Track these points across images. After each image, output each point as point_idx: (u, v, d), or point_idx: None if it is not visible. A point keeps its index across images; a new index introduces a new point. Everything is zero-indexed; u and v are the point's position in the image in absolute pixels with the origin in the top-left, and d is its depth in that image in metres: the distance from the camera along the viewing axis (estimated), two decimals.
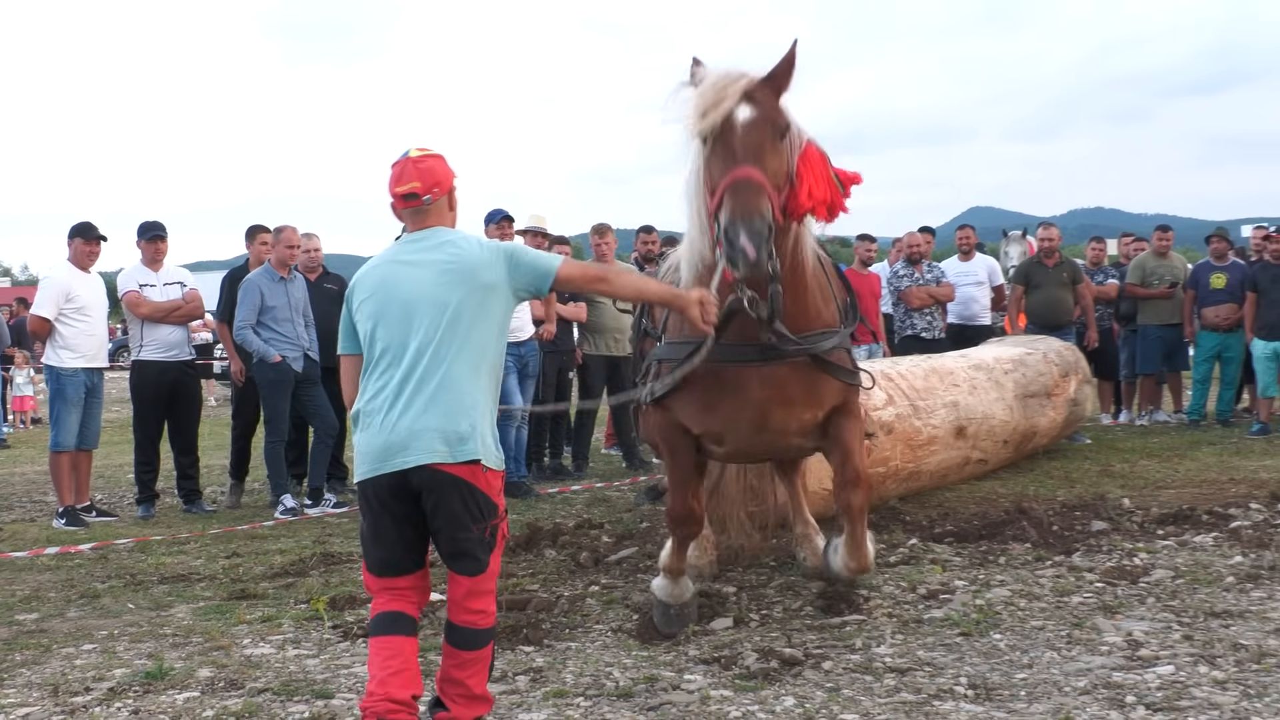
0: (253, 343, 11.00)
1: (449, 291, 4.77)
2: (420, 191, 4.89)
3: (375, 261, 5.03)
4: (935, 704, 5.17)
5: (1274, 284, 14.10)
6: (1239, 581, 6.99)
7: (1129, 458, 12.59)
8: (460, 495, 4.71)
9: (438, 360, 4.72)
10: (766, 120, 5.48)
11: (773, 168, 5.44)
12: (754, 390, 6.00)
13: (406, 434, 4.67)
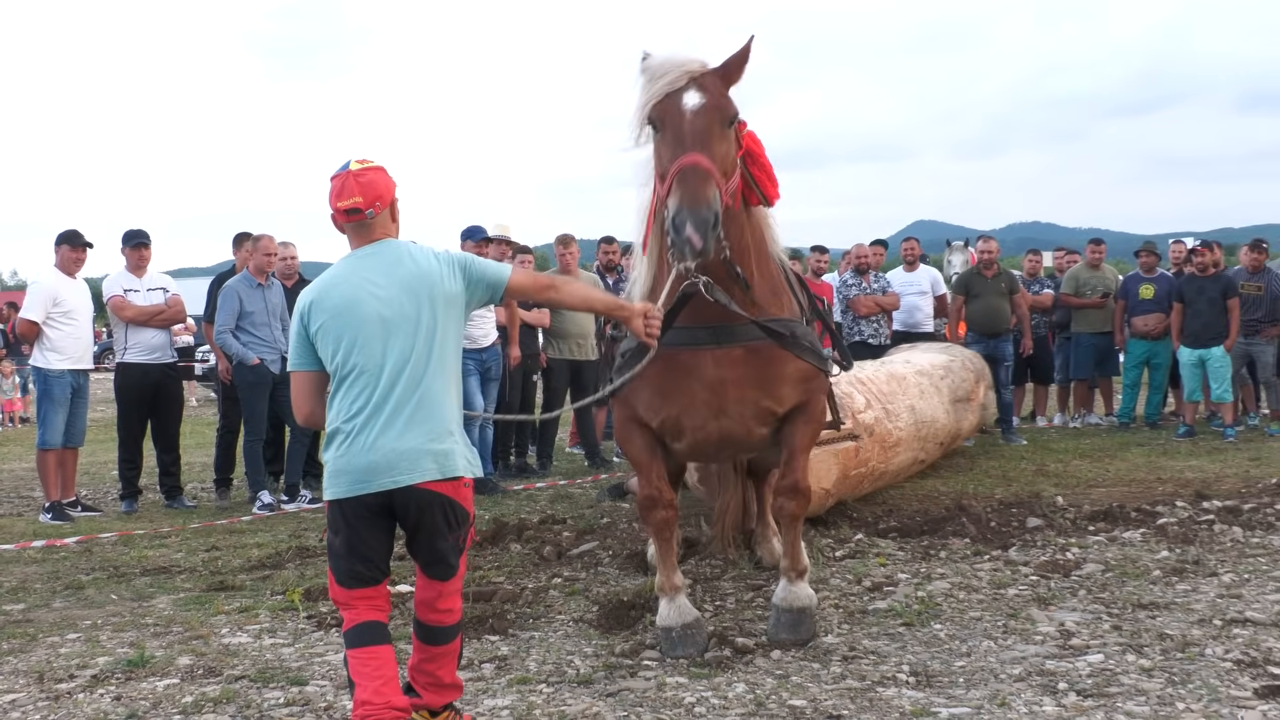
0: (231, 346, 11.00)
1: (416, 308, 4.56)
2: (363, 206, 4.60)
3: (330, 280, 4.67)
4: (879, 690, 5.18)
5: (1199, 295, 14.20)
6: (1165, 575, 7.04)
7: (1062, 458, 12.66)
8: (443, 509, 4.57)
9: (415, 377, 4.53)
10: (715, 107, 5.28)
11: (720, 154, 5.24)
12: (709, 371, 5.72)
13: (393, 454, 4.46)
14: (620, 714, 4.99)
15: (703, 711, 4.99)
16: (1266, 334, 14.29)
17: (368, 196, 4.59)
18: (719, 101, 5.32)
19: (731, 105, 5.39)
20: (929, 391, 10.97)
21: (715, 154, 5.18)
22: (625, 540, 8.63)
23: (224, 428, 12.17)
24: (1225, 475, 10.91)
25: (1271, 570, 7.05)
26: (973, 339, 14.49)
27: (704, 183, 5.02)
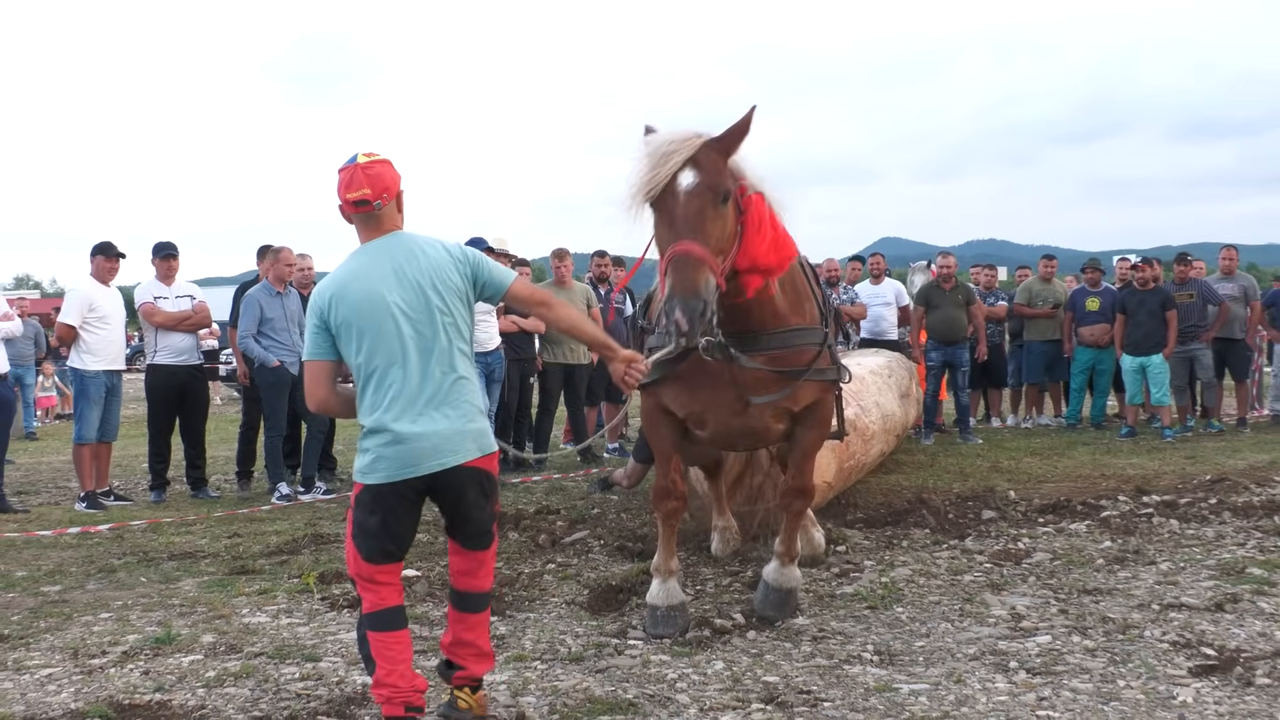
0: (253, 350, 11.01)
1: (434, 301, 4.42)
2: (370, 198, 4.43)
3: (348, 275, 4.49)
4: (845, 668, 5.19)
5: (1139, 307, 14.23)
6: (1108, 563, 7.06)
7: (1015, 456, 12.66)
8: (481, 483, 4.54)
9: (442, 365, 4.43)
10: (708, 187, 5.02)
11: (714, 234, 5.01)
12: (730, 374, 5.63)
13: (437, 438, 4.37)
14: (608, 689, 4.98)
15: (684, 687, 4.99)
16: (1202, 338, 14.32)
17: (375, 188, 4.44)
18: (712, 180, 5.06)
19: (725, 180, 5.11)
20: (884, 389, 11.00)
21: (708, 235, 4.98)
22: (614, 530, 8.63)
23: (245, 424, 12.15)
24: (1164, 472, 10.92)
25: (1205, 559, 7.06)
26: (932, 346, 14.50)
27: (695, 271, 4.84)
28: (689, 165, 5.05)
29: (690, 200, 5.00)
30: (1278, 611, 5.84)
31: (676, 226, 4.98)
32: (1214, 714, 4.42)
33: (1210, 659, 5.09)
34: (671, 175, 5.02)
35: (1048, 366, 15.81)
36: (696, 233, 4.93)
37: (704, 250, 4.90)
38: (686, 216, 4.97)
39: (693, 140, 5.11)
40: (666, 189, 5.03)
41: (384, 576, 4.48)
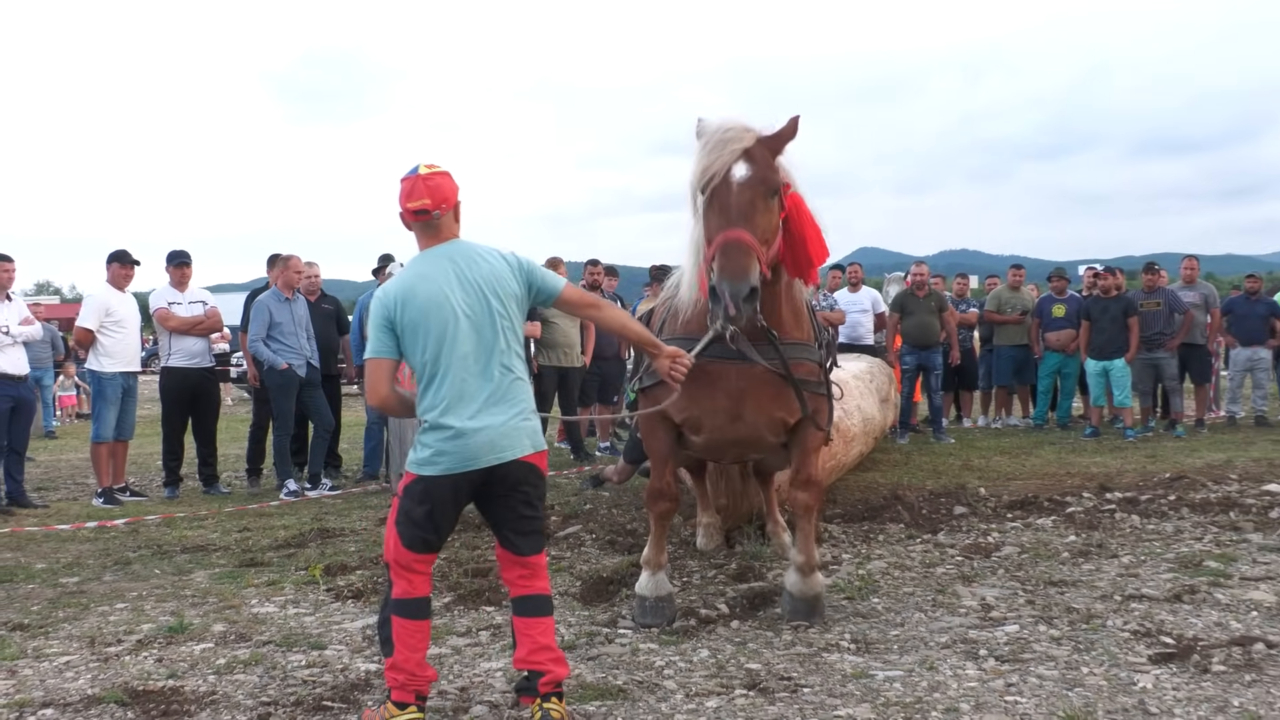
0: (263, 353, 11.03)
1: (493, 305, 4.44)
2: (430, 207, 4.45)
3: (414, 279, 4.47)
4: (824, 655, 5.20)
5: (1103, 314, 14.27)
6: (1073, 556, 7.07)
7: (985, 454, 12.69)
8: (535, 480, 4.54)
9: (503, 367, 4.45)
10: (760, 180, 5.06)
11: (762, 226, 5.04)
12: (731, 382, 5.59)
13: (496, 434, 4.37)
14: (599, 675, 4.98)
15: (671, 674, 5.00)
16: (1169, 346, 14.36)
17: (435, 198, 4.46)
18: (764, 174, 5.09)
19: (776, 176, 5.15)
20: (865, 393, 11.02)
21: (757, 226, 5.01)
22: (606, 524, 8.63)
23: (255, 424, 12.16)
24: (1126, 470, 10.94)
25: (1165, 553, 7.08)
26: (907, 350, 14.52)
27: (745, 257, 4.89)
28: (743, 158, 5.09)
29: (743, 191, 5.04)
30: (1233, 602, 5.86)
31: (729, 215, 5.01)
32: (1172, 699, 4.44)
33: (1169, 647, 5.10)
34: (728, 166, 5.07)
35: (1016, 370, 15.85)
36: (747, 222, 4.98)
37: (753, 239, 4.94)
38: (739, 206, 5.01)
39: (748, 135, 5.15)
40: (721, 178, 5.08)
41: (420, 565, 4.50)
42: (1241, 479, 9.96)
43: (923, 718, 4.33)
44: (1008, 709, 4.40)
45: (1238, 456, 11.67)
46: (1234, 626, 5.43)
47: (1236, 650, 5.00)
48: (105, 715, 4.67)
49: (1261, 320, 15.26)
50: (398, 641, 4.44)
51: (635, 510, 9.25)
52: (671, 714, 4.48)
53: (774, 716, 4.41)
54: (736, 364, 5.55)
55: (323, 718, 4.57)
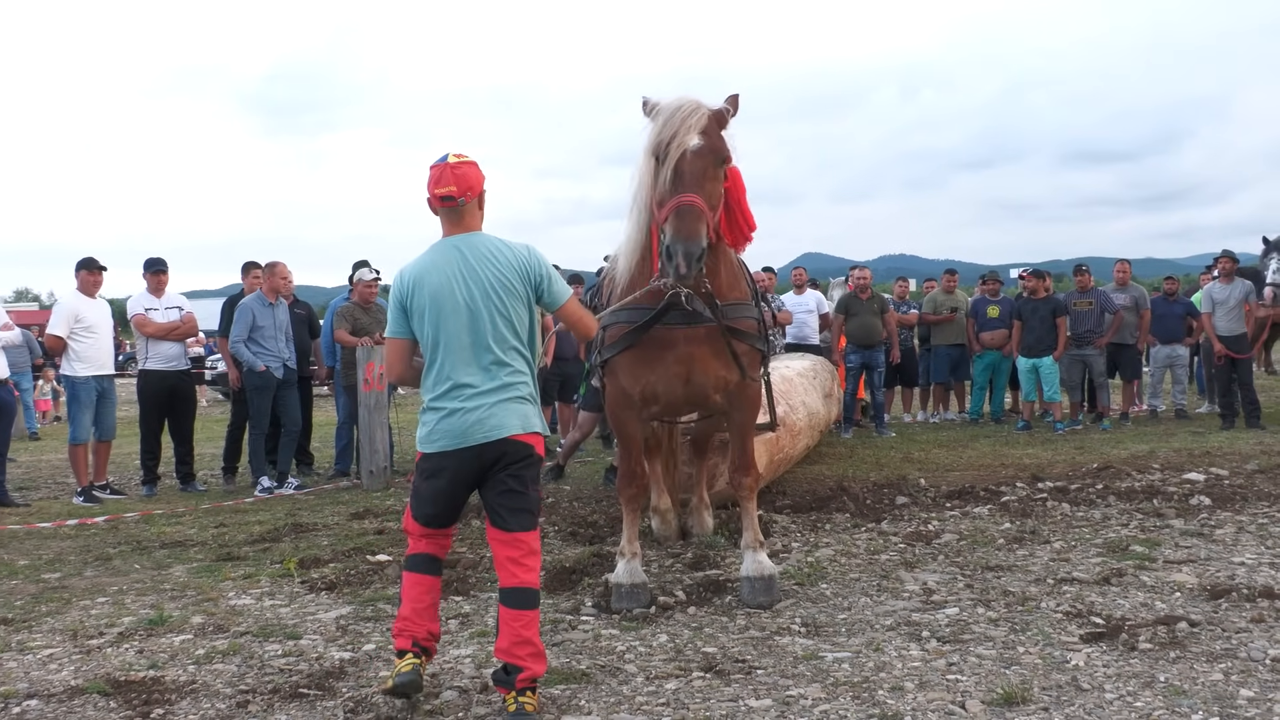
0: (244, 354, 10.99)
1: (498, 299, 4.48)
2: (456, 194, 4.51)
3: (428, 265, 4.56)
4: (776, 639, 5.20)
5: (1033, 314, 14.39)
6: (1008, 543, 7.12)
7: (924, 447, 12.76)
8: (525, 458, 4.54)
9: (501, 355, 4.48)
10: (712, 150, 5.26)
11: (711, 193, 5.24)
12: (681, 347, 5.76)
13: (486, 414, 4.43)
14: (563, 660, 4.97)
15: (632, 658, 4.99)
16: (1098, 344, 14.50)
17: (461, 186, 4.52)
18: (716, 145, 5.30)
19: (726, 147, 5.36)
20: (810, 389, 11.07)
21: (707, 193, 5.19)
22: (567, 517, 8.61)
23: (233, 424, 12.07)
24: (1056, 461, 11.04)
25: (1093, 539, 7.14)
26: (851, 350, 14.59)
27: (697, 220, 5.05)
28: (698, 129, 5.26)
29: (696, 159, 5.21)
30: (1158, 584, 5.92)
31: (683, 180, 5.16)
32: (1103, 675, 4.48)
33: (1099, 627, 5.15)
34: (685, 136, 5.23)
35: (953, 368, 15.98)
36: (699, 188, 5.14)
37: (704, 204, 5.12)
38: (693, 173, 5.18)
39: (701, 110, 5.33)
40: (679, 147, 5.22)
41: (431, 540, 4.65)
42: (1164, 468, 10.07)
43: (870, 696, 4.35)
44: (949, 687, 4.42)
45: (1160, 447, 11.81)
46: (1159, 607, 5.48)
47: (1162, 629, 5.06)
48: (88, 706, 4.60)
49: (1179, 320, 15.45)
50: (403, 594, 4.58)
51: (595, 503, 9.25)
52: (633, 696, 4.48)
53: (730, 697, 4.41)
54: (683, 329, 5.74)
55: (299, 705, 4.53)
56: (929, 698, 4.30)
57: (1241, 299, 13.76)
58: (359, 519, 9.06)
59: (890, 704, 4.25)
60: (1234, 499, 8.26)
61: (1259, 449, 11.26)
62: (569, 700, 4.46)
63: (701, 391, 5.98)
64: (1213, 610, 5.38)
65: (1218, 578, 6.00)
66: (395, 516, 8.89)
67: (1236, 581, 5.88)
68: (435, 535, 4.66)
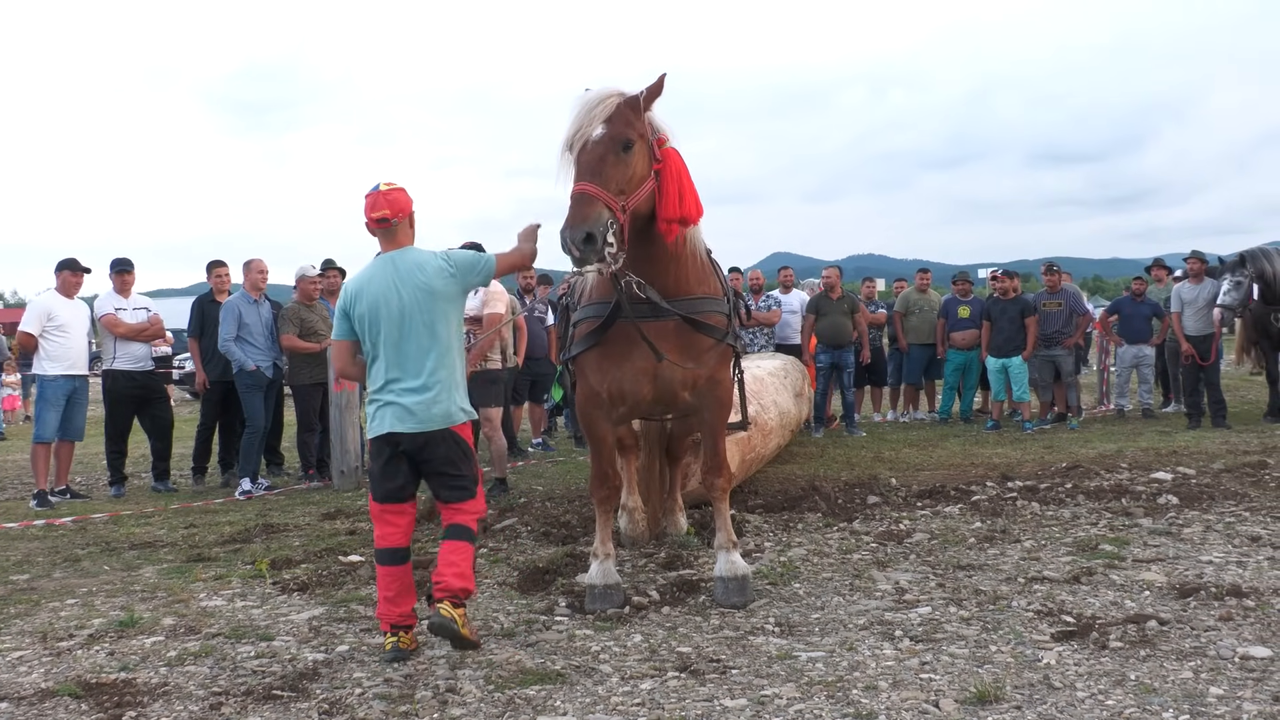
0: (234, 354, 10.98)
1: (426, 308, 5.15)
2: (389, 216, 5.25)
3: (368, 277, 5.28)
4: (750, 638, 5.22)
5: (1002, 314, 14.50)
6: (979, 542, 7.16)
7: (895, 447, 12.81)
8: (451, 444, 5.23)
9: (427, 356, 5.16)
10: (613, 137, 5.22)
11: (614, 177, 5.18)
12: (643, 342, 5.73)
13: (420, 408, 5.14)
14: (538, 661, 4.96)
15: (606, 658, 4.99)
16: (1066, 343, 14.60)
17: (393, 209, 5.27)
18: (616, 130, 5.26)
19: (629, 130, 5.28)
20: (781, 389, 11.10)
21: (607, 178, 5.17)
22: (540, 517, 8.60)
23: (202, 424, 12.03)
24: (1025, 460, 11.11)
25: (1063, 537, 7.19)
26: (821, 349, 14.64)
27: (586, 206, 5.07)
28: (600, 120, 5.29)
29: (594, 148, 5.24)
30: (1127, 583, 5.97)
31: (579, 171, 5.24)
32: (1074, 674, 4.51)
33: (1070, 625, 5.18)
34: (586, 128, 5.29)
35: (924, 367, 16.07)
36: (594, 175, 5.17)
37: (598, 189, 5.13)
38: (589, 162, 5.22)
39: (609, 99, 5.34)
40: (579, 140, 5.29)
41: (390, 515, 5.28)
42: (1131, 467, 10.15)
43: (844, 695, 4.36)
44: (923, 685, 4.44)
45: (1127, 446, 11.90)
46: (1129, 605, 5.53)
47: (1131, 627, 5.10)
48: (59, 708, 4.56)
49: (1146, 320, 15.58)
50: (379, 586, 5.25)
51: (568, 504, 9.24)
52: (608, 696, 4.48)
53: (705, 697, 4.42)
54: (652, 324, 5.74)
55: (272, 706, 4.50)
56: (903, 697, 4.32)
57: (1210, 299, 13.88)
58: (330, 519, 9.03)
59: (865, 703, 4.27)
60: (1201, 498, 8.33)
61: (1225, 448, 11.38)
62: (544, 700, 4.45)
63: (669, 389, 5.95)
64: (1182, 609, 5.43)
65: (1186, 576, 6.05)
66: (367, 517, 8.84)
67: (1205, 580, 5.94)
68: (393, 512, 5.29)
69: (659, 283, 5.72)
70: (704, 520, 7.77)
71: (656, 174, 5.44)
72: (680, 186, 5.50)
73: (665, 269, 5.72)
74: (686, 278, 5.85)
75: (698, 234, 5.96)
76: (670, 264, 5.73)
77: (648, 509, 7.66)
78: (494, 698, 4.50)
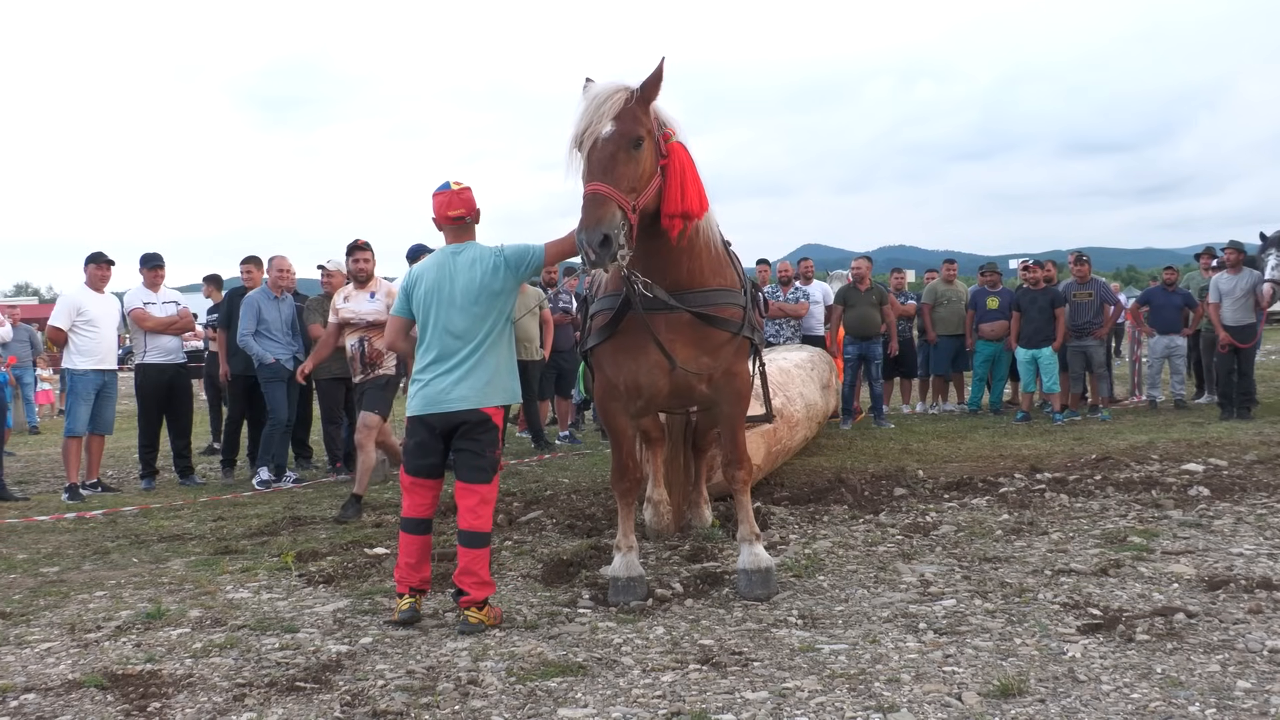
0: (253, 348, 11.02)
1: (479, 298, 5.58)
2: (464, 214, 5.73)
3: (430, 265, 5.76)
4: (773, 631, 5.20)
5: (1032, 305, 14.41)
6: (1005, 534, 7.12)
7: (923, 439, 12.76)
8: (483, 426, 5.62)
9: (474, 343, 5.58)
10: (623, 135, 5.15)
11: (626, 175, 5.11)
12: (662, 333, 5.69)
13: (458, 389, 5.56)
14: (560, 653, 4.97)
15: (628, 650, 4.99)
16: (1097, 334, 14.49)
17: (467, 207, 5.74)
18: (626, 128, 5.17)
19: (638, 128, 5.20)
20: (808, 380, 11.07)
21: (619, 177, 5.09)
22: (565, 510, 8.61)
23: (230, 419, 12.09)
24: (1054, 452, 11.03)
25: (1091, 530, 7.14)
26: (849, 341, 14.58)
27: (599, 207, 4.98)
28: (608, 117, 5.22)
29: (605, 146, 5.17)
30: (1155, 576, 5.92)
31: (590, 170, 5.18)
32: (1100, 667, 4.47)
33: (1096, 618, 5.15)
34: (595, 126, 5.22)
35: (952, 359, 15.98)
36: (606, 175, 5.10)
37: (610, 189, 5.05)
38: (600, 160, 5.15)
39: (616, 95, 5.26)
40: (588, 138, 5.23)
41: (419, 489, 5.71)
42: (1162, 459, 10.07)
43: (867, 688, 4.34)
44: (946, 679, 4.42)
45: (1158, 438, 11.80)
46: (1156, 598, 5.48)
47: (1159, 620, 5.05)
48: (86, 699, 4.60)
49: (1177, 310, 15.45)
50: (400, 551, 5.67)
51: (593, 496, 9.25)
52: (629, 688, 4.47)
53: (726, 689, 4.40)
54: (664, 316, 5.72)
55: (295, 698, 4.52)
56: (926, 689, 4.30)
57: (1249, 289, 13.73)
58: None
59: (887, 696, 4.25)
60: (1233, 490, 8.25)
61: (1258, 439, 11.26)
62: (565, 692, 4.45)
63: (685, 382, 5.90)
64: (1210, 601, 5.37)
65: (1216, 569, 5.99)
66: (393, 510, 8.89)
67: (1234, 572, 5.88)
68: (422, 486, 5.71)
69: (671, 275, 5.66)
70: (728, 512, 7.74)
71: (662, 169, 5.35)
72: (683, 180, 5.39)
73: (677, 262, 5.67)
74: (700, 270, 5.79)
75: (712, 225, 5.91)
76: (682, 257, 5.67)
77: (672, 501, 7.66)
78: (515, 689, 4.50)
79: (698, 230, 5.70)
